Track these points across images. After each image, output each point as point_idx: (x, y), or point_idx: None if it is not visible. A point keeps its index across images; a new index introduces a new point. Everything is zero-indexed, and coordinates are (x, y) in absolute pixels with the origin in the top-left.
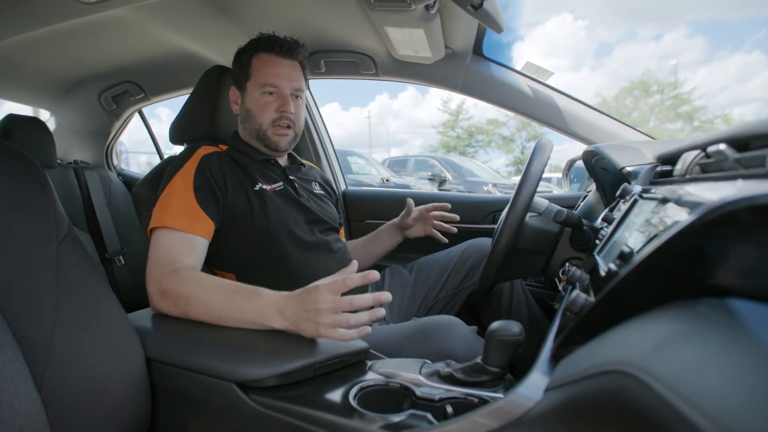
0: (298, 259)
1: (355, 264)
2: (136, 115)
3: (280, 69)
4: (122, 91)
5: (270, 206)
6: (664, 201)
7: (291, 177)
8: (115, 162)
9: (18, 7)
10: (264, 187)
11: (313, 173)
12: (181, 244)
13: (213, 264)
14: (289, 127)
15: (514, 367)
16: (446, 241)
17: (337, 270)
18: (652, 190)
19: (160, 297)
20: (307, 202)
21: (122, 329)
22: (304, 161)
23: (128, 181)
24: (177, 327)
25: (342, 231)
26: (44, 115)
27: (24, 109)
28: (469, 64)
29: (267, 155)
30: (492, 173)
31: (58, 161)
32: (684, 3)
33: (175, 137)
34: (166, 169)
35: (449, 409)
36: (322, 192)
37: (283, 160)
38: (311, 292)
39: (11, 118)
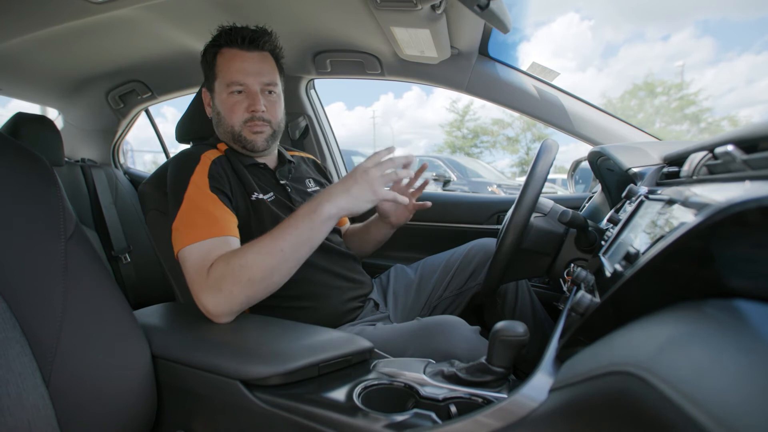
0: (305, 264)
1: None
2: (142, 114)
3: (245, 64)
4: (129, 90)
5: (266, 217)
6: (670, 202)
7: (282, 182)
8: (122, 160)
9: (26, 7)
10: (260, 197)
11: (305, 168)
12: (214, 245)
13: None
14: (264, 124)
15: (518, 367)
16: (429, 205)
17: (341, 269)
18: (659, 191)
19: (215, 292)
20: None
21: (128, 326)
22: (293, 153)
23: (134, 179)
24: (183, 325)
25: (345, 219)
26: (52, 114)
27: (32, 108)
28: (475, 65)
29: (252, 159)
30: (497, 174)
31: (66, 159)
32: (692, 3)
33: (181, 136)
34: (168, 180)
35: (453, 408)
36: (317, 188)
37: (271, 161)
38: (354, 169)
39: (20, 117)
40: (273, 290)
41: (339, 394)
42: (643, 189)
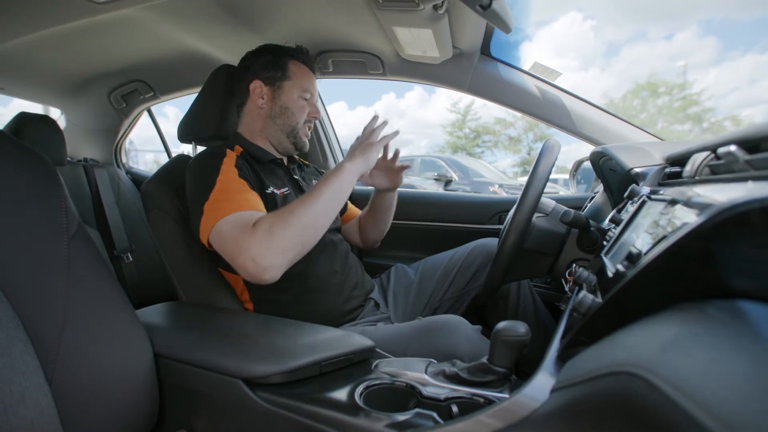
0: (306, 259)
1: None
2: (144, 114)
3: (314, 82)
4: (131, 89)
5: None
6: (672, 202)
7: (296, 177)
8: (124, 160)
9: (29, 7)
10: (274, 191)
11: (311, 170)
12: (251, 215)
13: (222, 265)
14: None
15: (520, 368)
16: (409, 166)
17: (342, 268)
18: (661, 192)
19: (267, 237)
20: None
21: (130, 325)
22: (301, 160)
23: (137, 179)
24: (184, 324)
25: (354, 212)
26: (55, 113)
27: (35, 107)
28: (477, 65)
29: (275, 156)
30: (498, 174)
31: (68, 159)
32: (695, 2)
33: (184, 136)
34: (194, 170)
35: (455, 408)
36: None
37: (286, 160)
38: (353, 147)
39: (23, 116)
40: (315, 241)
41: (341, 394)
42: (645, 189)
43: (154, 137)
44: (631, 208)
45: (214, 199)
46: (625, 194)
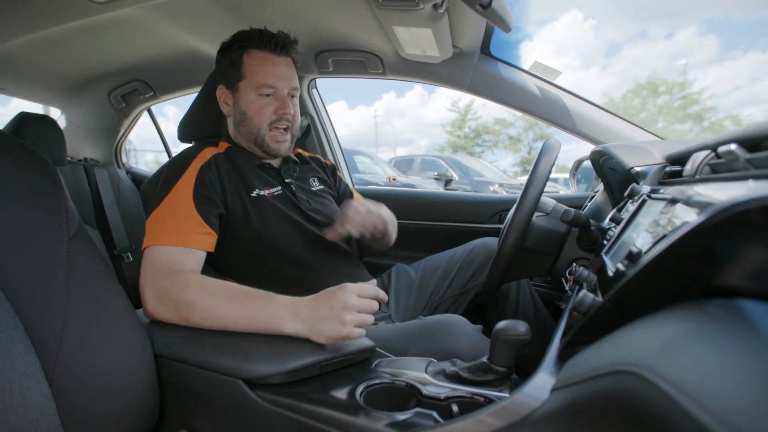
0: (302, 262)
1: (374, 282)
2: (144, 113)
3: (276, 68)
4: (132, 89)
5: (268, 212)
6: (673, 201)
7: (287, 180)
8: (124, 160)
9: (29, 7)
10: (262, 192)
11: (309, 166)
12: (181, 253)
13: (220, 268)
14: (286, 129)
15: (520, 367)
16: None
17: (342, 268)
18: (661, 191)
19: (157, 301)
20: (307, 205)
21: (131, 325)
22: (297, 152)
23: (137, 178)
24: None
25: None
26: (55, 113)
27: (35, 107)
28: (477, 64)
29: (260, 160)
30: (498, 173)
31: (69, 159)
32: (697, 1)
33: (183, 135)
34: (161, 176)
35: (455, 407)
36: (321, 186)
37: (276, 161)
38: (337, 292)
39: (23, 116)
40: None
41: (341, 393)
42: (645, 188)
43: (154, 137)
44: (631, 207)
45: (156, 217)
46: (626, 193)
